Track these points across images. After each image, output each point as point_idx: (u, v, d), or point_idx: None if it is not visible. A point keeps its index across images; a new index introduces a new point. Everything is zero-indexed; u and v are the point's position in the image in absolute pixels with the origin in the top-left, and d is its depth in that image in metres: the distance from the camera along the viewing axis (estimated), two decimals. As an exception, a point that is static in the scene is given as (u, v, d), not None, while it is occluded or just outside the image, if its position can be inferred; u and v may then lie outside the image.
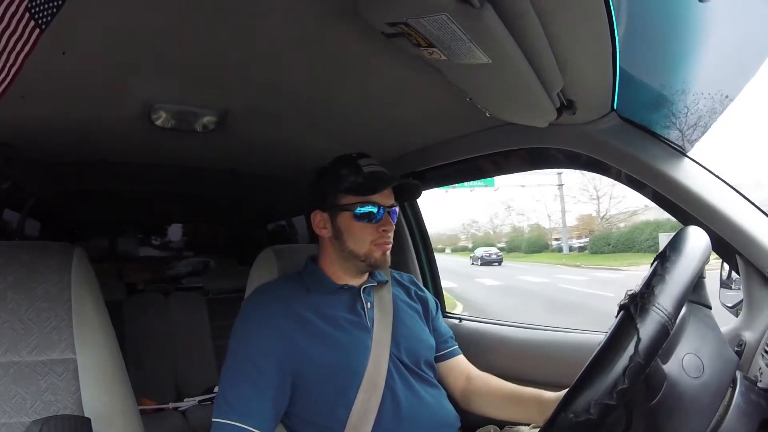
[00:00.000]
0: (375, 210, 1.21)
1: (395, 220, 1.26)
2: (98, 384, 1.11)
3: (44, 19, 0.65)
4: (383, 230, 1.21)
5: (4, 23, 0.63)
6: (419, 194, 1.39)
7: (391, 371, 1.18)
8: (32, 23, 0.65)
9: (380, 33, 0.85)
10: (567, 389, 0.67)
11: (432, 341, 1.33)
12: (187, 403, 2.48)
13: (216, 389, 2.50)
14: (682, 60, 1.09)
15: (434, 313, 1.41)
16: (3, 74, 0.67)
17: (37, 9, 0.64)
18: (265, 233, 3.43)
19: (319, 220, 1.25)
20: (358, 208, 1.20)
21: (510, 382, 1.31)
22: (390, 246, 1.24)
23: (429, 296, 1.43)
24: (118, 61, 1.02)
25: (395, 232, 1.26)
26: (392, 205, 1.24)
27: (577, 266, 21.90)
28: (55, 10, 0.65)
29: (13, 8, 0.62)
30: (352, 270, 1.26)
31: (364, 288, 1.26)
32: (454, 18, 0.74)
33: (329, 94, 1.25)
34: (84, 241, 3.45)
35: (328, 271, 1.26)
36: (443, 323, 1.43)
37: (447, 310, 2.00)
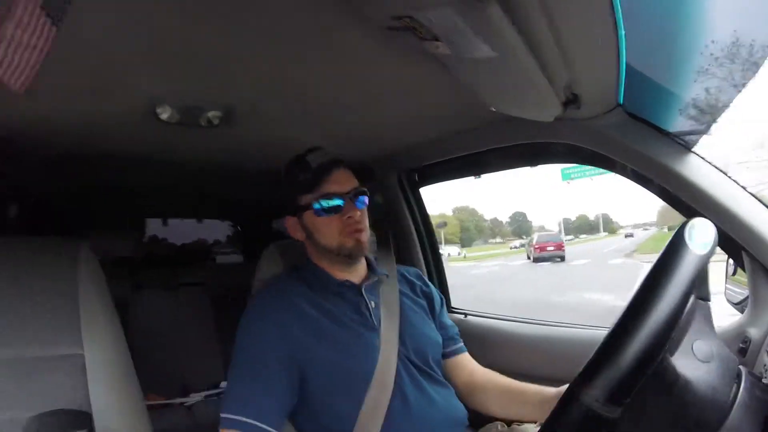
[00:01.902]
0: (334, 202, 1.20)
1: (362, 206, 1.25)
2: (106, 379, 1.12)
3: (58, 15, 0.66)
4: (348, 218, 1.20)
5: (24, 20, 0.63)
6: (371, 174, 1.37)
7: (400, 370, 1.17)
8: (48, 20, 0.65)
9: (385, 27, 0.85)
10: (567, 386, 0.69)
11: (439, 338, 1.32)
12: (193, 398, 2.49)
13: (222, 384, 2.52)
14: (688, 55, 1.08)
15: (439, 308, 1.40)
16: (27, 71, 0.68)
17: (50, 6, 0.64)
18: (271, 229, 3.43)
19: (291, 224, 1.27)
20: (316, 204, 1.20)
21: (516, 379, 1.30)
22: (362, 232, 1.23)
23: (434, 291, 1.43)
24: (123, 56, 1.02)
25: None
26: (354, 190, 1.23)
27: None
28: (66, 4, 0.65)
29: (31, 6, 0.62)
30: (338, 265, 1.26)
31: (366, 286, 1.26)
32: (459, 11, 0.73)
33: (333, 88, 1.25)
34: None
35: (324, 267, 1.26)
36: (448, 319, 1.42)
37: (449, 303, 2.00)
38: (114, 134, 1.54)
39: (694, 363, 0.73)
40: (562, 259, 22.62)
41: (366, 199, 1.27)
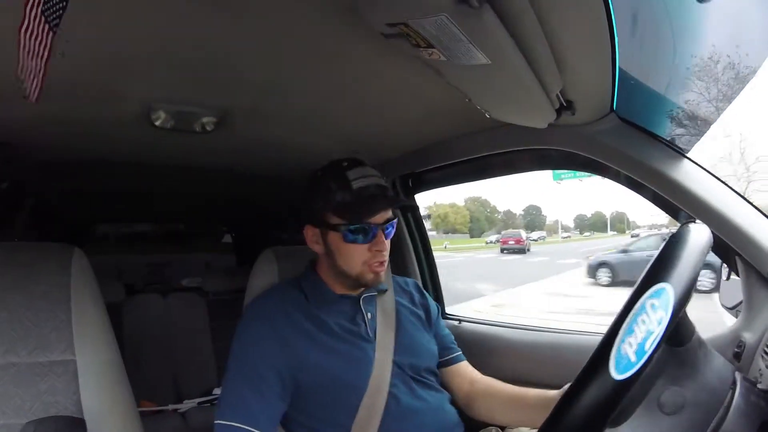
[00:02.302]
0: (366, 230, 1.16)
1: (392, 235, 1.22)
2: (98, 385, 1.11)
3: (55, 21, 0.65)
4: (376, 250, 1.17)
5: (31, 27, 0.63)
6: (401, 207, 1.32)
7: (394, 380, 1.17)
8: (47, 26, 0.65)
9: (380, 34, 0.85)
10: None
11: (435, 350, 1.32)
12: (186, 404, 2.47)
13: (215, 391, 2.51)
14: (681, 61, 1.09)
15: (435, 318, 1.39)
16: (36, 80, 0.67)
17: (49, 11, 0.64)
18: (266, 233, 3.42)
19: (311, 235, 1.23)
20: (348, 231, 1.15)
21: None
22: (384, 266, 1.21)
23: (431, 302, 1.42)
24: (117, 61, 1.02)
25: (395, 237, 1.24)
26: (387, 221, 1.20)
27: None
28: (61, 11, 0.65)
29: (34, 11, 0.62)
30: (347, 285, 1.24)
31: (364, 297, 1.25)
32: (454, 18, 0.73)
33: (329, 94, 1.25)
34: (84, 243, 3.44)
35: (327, 281, 1.25)
36: (445, 327, 1.42)
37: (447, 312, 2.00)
38: (109, 139, 1.53)
39: (654, 420, 0.69)
40: (522, 252, 27.63)
41: (395, 228, 1.23)
